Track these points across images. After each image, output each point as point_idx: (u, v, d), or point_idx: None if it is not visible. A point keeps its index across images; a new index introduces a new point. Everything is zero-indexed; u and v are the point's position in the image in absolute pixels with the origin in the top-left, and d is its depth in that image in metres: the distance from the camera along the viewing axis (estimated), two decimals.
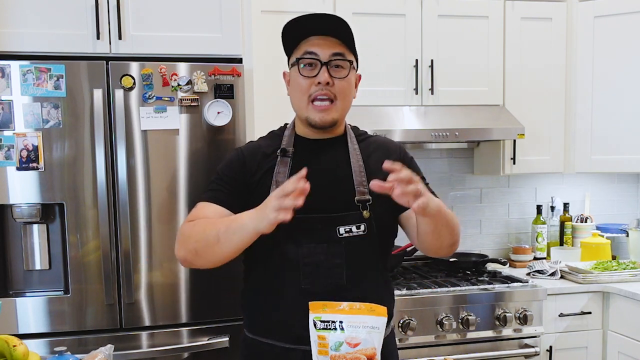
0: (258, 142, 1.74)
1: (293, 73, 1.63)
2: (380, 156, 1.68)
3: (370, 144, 1.74)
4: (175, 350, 2.35)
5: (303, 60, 1.59)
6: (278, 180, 1.60)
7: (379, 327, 1.40)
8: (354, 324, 1.40)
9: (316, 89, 1.58)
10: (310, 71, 1.59)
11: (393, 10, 2.96)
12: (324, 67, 1.57)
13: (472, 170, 3.47)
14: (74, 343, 2.21)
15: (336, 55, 1.58)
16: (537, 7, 3.12)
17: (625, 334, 2.79)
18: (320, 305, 1.42)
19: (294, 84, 1.63)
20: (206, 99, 2.35)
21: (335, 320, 1.40)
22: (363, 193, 1.63)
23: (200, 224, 1.58)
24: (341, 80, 1.60)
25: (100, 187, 2.26)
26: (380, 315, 1.40)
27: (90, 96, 2.26)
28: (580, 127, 3.18)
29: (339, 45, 1.59)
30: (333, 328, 1.41)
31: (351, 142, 1.70)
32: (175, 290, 2.38)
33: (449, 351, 2.66)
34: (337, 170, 1.66)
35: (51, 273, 2.35)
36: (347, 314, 1.40)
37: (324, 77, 1.57)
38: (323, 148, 1.68)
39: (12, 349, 1.43)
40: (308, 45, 1.59)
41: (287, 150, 1.65)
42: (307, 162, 1.61)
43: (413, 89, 2.97)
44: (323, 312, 1.41)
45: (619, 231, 3.39)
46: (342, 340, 1.40)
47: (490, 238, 3.52)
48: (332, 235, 1.59)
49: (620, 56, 3.08)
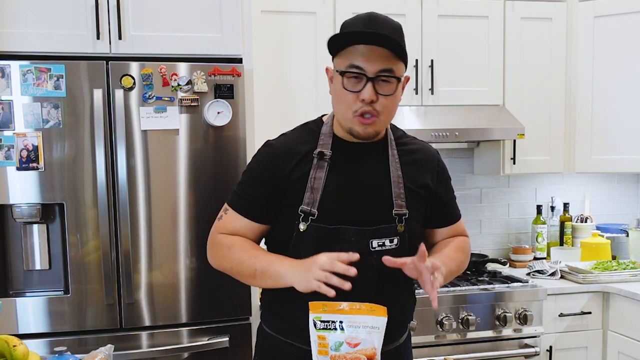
0: (291, 138, 1.62)
1: (337, 82, 1.52)
2: (418, 169, 1.64)
3: (410, 151, 1.66)
4: (175, 350, 2.35)
5: (348, 75, 1.48)
6: (314, 187, 1.53)
7: (379, 327, 1.40)
8: (354, 324, 1.39)
9: (360, 105, 1.48)
10: (355, 84, 1.48)
11: (393, 10, 2.95)
12: (369, 83, 1.46)
13: (472, 170, 3.47)
14: (74, 343, 2.22)
15: (384, 72, 1.47)
16: (537, 7, 3.12)
17: (625, 334, 2.79)
18: (320, 305, 1.41)
19: (338, 93, 1.52)
20: (206, 99, 2.35)
21: (335, 320, 1.40)
22: (401, 206, 1.57)
23: (237, 249, 1.56)
24: (386, 97, 1.49)
25: (100, 187, 2.26)
26: (380, 315, 1.40)
27: (90, 96, 2.26)
28: (580, 127, 3.18)
29: (388, 58, 1.47)
30: (333, 328, 1.40)
31: (391, 147, 1.62)
32: (175, 290, 2.38)
33: (449, 351, 2.65)
34: (375, 180, 1.59)
35: (51, 273, 2.35)
36: (347, 314, 1.39)
37: (369, 95, 1.46)
38: (362, 154, 1.60)
39: (12, 349, 1.43)
40: (355, 57, 1.47)
41: (326, 154, 1.56)
42: (346, 169, 1.57)
43: (413, 89, 2.97)
44: (323, 312, 1.40)
45: (619, 231, 3.39)
46: (342, 340, 1.40)
47: (490, 238, 3.52)
48: (364, 248, 1.52)
49: (620, 56, 3.08)
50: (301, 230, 1.53)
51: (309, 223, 1.52)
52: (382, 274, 1.54)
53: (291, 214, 1.54)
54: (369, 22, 1.50)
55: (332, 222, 1.53)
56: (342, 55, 1.50)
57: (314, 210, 1.52)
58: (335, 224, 1.53)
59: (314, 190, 1.53)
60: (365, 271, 1.49)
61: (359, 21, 1.52)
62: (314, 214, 1.52)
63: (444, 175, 1.72)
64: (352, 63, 1.47)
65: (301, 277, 1.43)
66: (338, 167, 1.56)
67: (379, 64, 1.46)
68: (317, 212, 1.52)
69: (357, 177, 1.58)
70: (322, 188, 1.54)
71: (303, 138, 1.61)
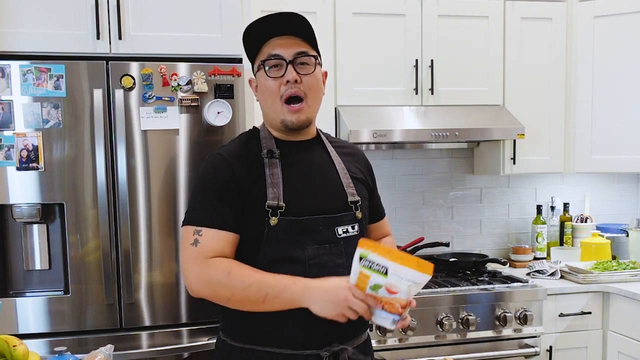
0: (235, 146, 1.67)
1: (260, 77, 1.63)
2: (353, 162, 1.75)
3: (342, 146, 1.79)
4: (175, 350, 2.34)
5: (268, 63, 1.59)
6: (274, 182, 1.58)
7: (420, 284, 1.39)
8: (398, 274, 1.38)
9: (286, 88, 1.58)
10: (277, 71, 1.59)
11: (393, 10, 2.96)
12: (289, 65, 1.58)
13: (472, 170, 3.47)
14: (74, 343, 2.21)
15: (300, 54, 1.59)
16: (537, 7, 3.12)
17: (625, 334, 2.79)
18: (371, 244, 1.39)
19: (263, 87, 1.62)
20: (206, 99, 2.35)
21: (382, 264, 1.38)
22: (353, 194, 1.67)
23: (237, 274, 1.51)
24: (309, 76, 1.60)
25: (100, 187, 2.26)
26: (425, 273, 1.37)
27: (90, 96, 2.26)
28: (580, 127, 3.18)
29: (301, 43, 1.60)
30: (377, 270, 1.38)
31: (327, 144, 1.73)
32: (175, 290, 2.38)
33: (449, 351, 2.66)
34: (325, 172, 1.67)
35: (51, 273, 2.35)
36: (395, 262, 1.37)
37: (292, 75, 1.57)
38: (305, 150, 1.67)
39: (12, 349, 1.43)
40: (270, 48, 1.60)
41: (274, 151, 1.63)
42: (297, 164, 1.64)
43: (413, 89, 2.97)
44: (372, 251, 1.38)
45: (619, 231, 3.39)
46: (382, 285, 1.39)
47: (490, 238, 3.52)
48: (332, 236, 1.60)
49: (620, 56, 3.08)
50: (272, 225, 1.55)
51: (279, 217, 1.55)
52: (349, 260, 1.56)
53: (258, 214, 1.56)
54: (273, 16, 1.60)
55: (299, 213, 1.57)
56: (259, 55, 1.63)
57: (282, 203, 1.56)
58: (303, 215, 1.58)
59: (275, 185, 1.57)
60: (335, 258, 1.58)
61: (257, 22, 1.61)
62: (282, 207, 1.56)
63: (371, 171, 1.84)
64: (269, 53, 1.59)
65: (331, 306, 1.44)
66: (289, 163, 1.63)
67: (294, 48, 1.59)
68: (285, 205, 1.56)
69: (308, 171, 1.64)
70: (282, 183, 1.58)
71: (246, 144, 1.66)
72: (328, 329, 1.54)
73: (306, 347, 1.56)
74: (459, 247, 3.46)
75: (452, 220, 3.45)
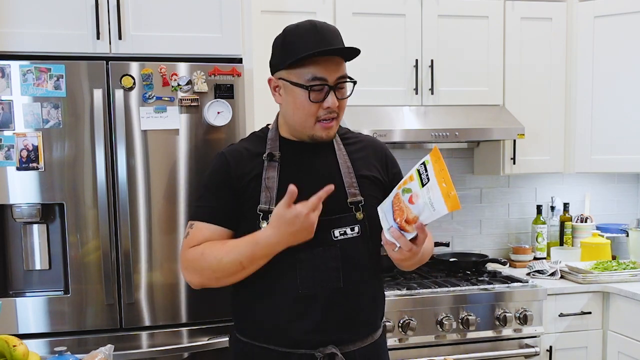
0: (241, 145, 1.71)
1: (299, 95, 1.57)
2: (366, 155, 1.72)
3: (356, 143, 1.75)
4: (175, 350, 2.34)
5: (313, 88, 1.56)
6: (268, 186, 1.59)
7: (436, 211, 1.39)
8: (429, 190, 1.39)
9: (324, 112, 1.58)
10: (318, 95, 1.57)
11: (393, 10, 2.96)
12: (331, 92, 1.57)
13: (472, 170, 3.47)
14: (74, 343, 2.21)
15: (341, 78, 1.59)
16: (537, 7, 3.12)
17: (625, 334, 2.79)
18: (439, 160, 1.40)
19: (298, 104, 1.59)
20: (206, 99, 2.35)
21: (428, 176, 1.40)
22: (355, 194, 1.64)
23: (208, 252, 1.56)
24: (344, 100, 1.62)
25: (100, 187, 2.26)
26: (446, 204, 1.37)
27: (90, 96, 2.26)
28: (580, 127, 3.18)
29: (341, 65, 1.60)
30: (421, 178, 1.42)
31: (336, 142, 1.70)
32: (175, 290, 2.38)
33: (448, 351, 2.66)
34: (326, 172, 1.65)
35: (51, 273, 2.35)
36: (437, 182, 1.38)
37: (333, 103, 1.57)
38: (310, 152, 1.66)
39: (12, 349, 1.43)
40: (315, 69, 1.55)
41: (274, 154, 1.63)
42: (296, 166, 1.63)
43: (413, 89, 2.97)
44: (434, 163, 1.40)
45: (619, 231, 3.39)
46: (412, 191, 1.42)
47: (490, 238, 3.52)
48: (327, 238, 1.58)
49: (620, 56, 3.08)
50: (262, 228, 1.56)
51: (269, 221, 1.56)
52: (346, 262, 1.59)
53: (252, 216, 1.59)
54: (319, 34, 1.56)
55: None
56: (296, 68, 1.56)
57: (272, 208, 1.55)
58: None
59: (269, 189, 1.58)
60: (330, 261, 1.57)
61: (307, 33, 1.56)
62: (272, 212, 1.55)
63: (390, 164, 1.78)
64: (314, 76, 1.55)
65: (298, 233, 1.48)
66: (289, 165, 1.63)
67: (337, 72, 1.57)
68: None
69: (308, 173, 1.63)
70: (277, 186, 1.59)
71: (252, 144, 1.69)
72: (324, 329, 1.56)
73: (300, 346, 1.57)
74: (459, 247, 3.46)
75: (452, 220, 3.45)
